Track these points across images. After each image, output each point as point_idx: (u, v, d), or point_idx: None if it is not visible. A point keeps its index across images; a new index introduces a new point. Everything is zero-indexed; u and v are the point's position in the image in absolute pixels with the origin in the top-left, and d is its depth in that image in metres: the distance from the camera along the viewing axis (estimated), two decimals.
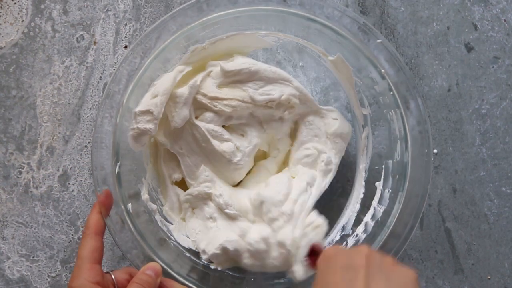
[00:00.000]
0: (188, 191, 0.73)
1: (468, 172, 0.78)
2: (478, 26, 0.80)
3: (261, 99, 0.72)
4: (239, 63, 0.71)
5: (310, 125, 0.76)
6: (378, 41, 0.67)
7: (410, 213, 0.67)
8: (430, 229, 0.77)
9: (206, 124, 0.71)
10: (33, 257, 0.78)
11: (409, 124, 0.68)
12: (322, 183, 0.75)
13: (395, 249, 0.66)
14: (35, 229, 0.78)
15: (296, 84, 0.74)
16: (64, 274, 0.78)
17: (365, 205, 0.73)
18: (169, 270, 0.66)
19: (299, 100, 0.74)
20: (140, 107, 0.66)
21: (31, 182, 0.79)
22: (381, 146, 0.73)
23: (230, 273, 0.72)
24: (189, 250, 0.72)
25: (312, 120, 0.76)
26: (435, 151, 0.78)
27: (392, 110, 0.68)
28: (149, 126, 0.67)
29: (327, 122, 0.76)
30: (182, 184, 0.75)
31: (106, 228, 0.64)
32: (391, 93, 0.67)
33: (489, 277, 0.77)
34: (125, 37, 0.80)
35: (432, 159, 0.67)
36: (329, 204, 0.76)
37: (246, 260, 0.68)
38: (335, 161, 0.76)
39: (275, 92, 0.73)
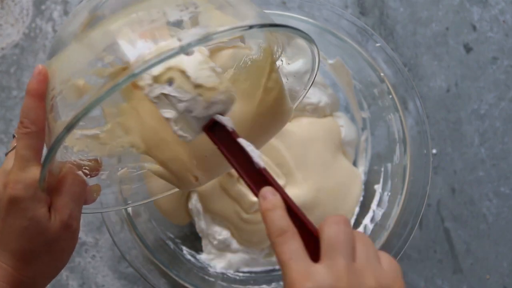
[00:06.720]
0: None
1: (467, 172, 0.78)
2: (477, 27, 0.80)
3: (302, 102, 0.67)
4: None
5: None
6: (377, 44, 0.67)
7: (410, 213, 0.67)
8: (429, 229, 0.77)
9: None
10: None
11: (408, 124, 0.68)
12: None
13: (396, 249, 0.67)
14: None
15: (331, 91, 0.72)
16: (65, 274, 0.78)
17: (364, 208, 0.73)
18: (168, 271, 0.67)
19: (329, 109, 0.71)
20: None
21: None
22: (381, 146, 0.74)
23: (231, 276, 0.72)
24: (190, 253, 0.72)
25: None
26: (434, 151, 0.78)
27: (391, 113, 0.69)
28: None
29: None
30: None
31: (106, 228, 0.64)
32: (390, 96, 0.68)
33: (488, 277, 0.77)
34: None
35: (431, 159, 0.68)
36: None
37: None
38: None
39: (314, 96, 0.70)
